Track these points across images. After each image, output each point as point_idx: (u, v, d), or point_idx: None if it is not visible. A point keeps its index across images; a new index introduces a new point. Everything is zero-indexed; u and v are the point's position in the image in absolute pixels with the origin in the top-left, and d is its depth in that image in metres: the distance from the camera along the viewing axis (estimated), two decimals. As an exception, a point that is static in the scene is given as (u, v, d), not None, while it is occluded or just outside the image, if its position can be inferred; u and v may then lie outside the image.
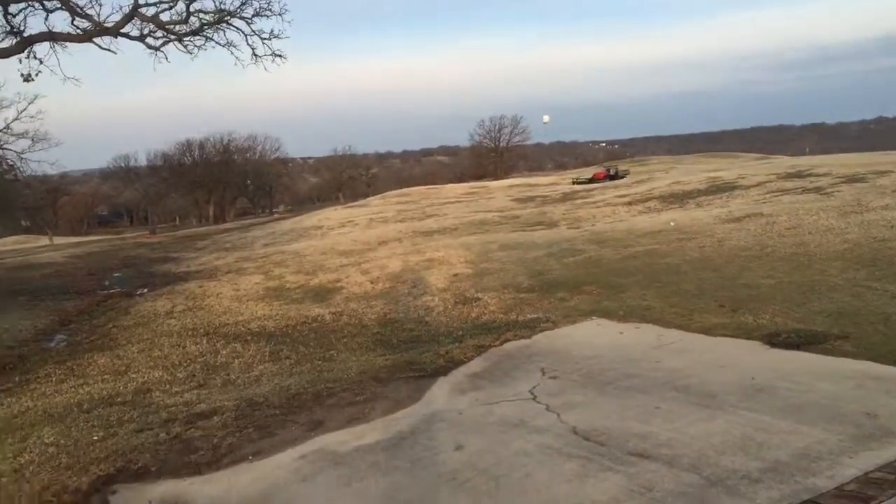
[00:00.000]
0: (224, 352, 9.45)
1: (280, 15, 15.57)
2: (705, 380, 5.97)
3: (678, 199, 24.07)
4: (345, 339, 9.42)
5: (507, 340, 8.08)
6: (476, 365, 7.23)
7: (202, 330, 11.35)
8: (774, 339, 6.92)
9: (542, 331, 8.45)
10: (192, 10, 15.75)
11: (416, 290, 12.75)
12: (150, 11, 15.57)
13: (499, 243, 17.00)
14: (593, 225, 19.24)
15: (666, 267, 11.35)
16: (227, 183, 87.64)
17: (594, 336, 8.01)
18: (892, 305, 7.51)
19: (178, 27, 16.01)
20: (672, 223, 15.63)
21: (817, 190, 18.25)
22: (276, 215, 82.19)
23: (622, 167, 64.76)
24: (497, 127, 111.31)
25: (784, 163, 33.50)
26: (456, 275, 13.65)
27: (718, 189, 24.26)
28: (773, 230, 12.77)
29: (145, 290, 18.22)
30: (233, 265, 21.46)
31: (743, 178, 26.13)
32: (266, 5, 15.70)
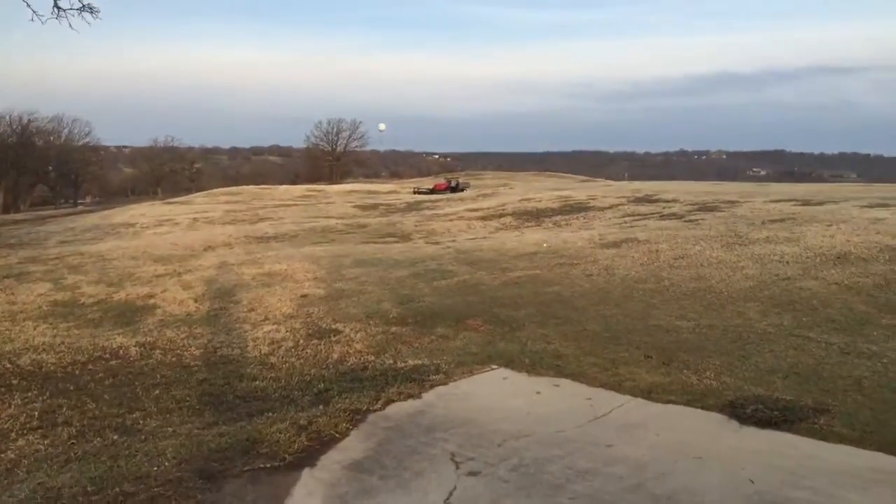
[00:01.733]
0: (-33, 409, 6.42)
1: (95, -45, 12.15)
2: (689, 484, 4.26)
3: (533, 216, 23.23)
4: (157, 391, 6.77)
5: (389, 401, 5.93)
6: (355, 446, 5.02)
7: (-59, 368, 8.05)
8: (740, 412, 5.41)
9: (433, 385, 6.40)
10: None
11: (255, 315, 10.20)
12: None
13: (352, 257, 14.75)
14: (454, 241, 17.59)
15: (557, 298, 9.80)
16: (22, 168, 76.57)
17: (505, 397, 6.11)
18: (852, 364, 6.36)
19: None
20: (545, 245, 14.32)
21: (678, 217, 17.96)
22: (80, 207, 73.24)
23: (462, 179, 64.79)
24: (335, 130, 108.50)
25: (627, 187, 34.32)
26: (304, 296, 11.25)
27: (572, 209, 23.76)
28: (661, 259, 11.76)
29: None
30: (15, 267, 17.29)
31: (594, 198, 25.96)
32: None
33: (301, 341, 8.53)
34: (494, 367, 7.00)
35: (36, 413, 6.12)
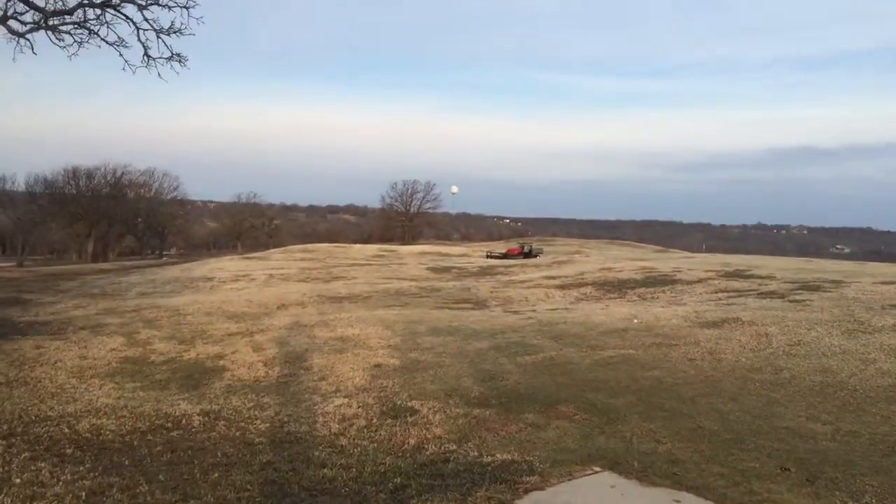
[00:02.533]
0: (16, 481, 5.88)
1: (186, 7, 12.31)
2: None
3: (615, 287, 22.05)
4: (216, 473, 6.06)
5: (478, 508, 5.05)
6: (439, 571, 4.14)
7: (2, 428, 7.63)
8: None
9: (526, 490, 5.48)
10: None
11: (326, 386, 9.51)
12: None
13: (426, 324, 14.02)
14: (534, 310, 16.65)
15: (659, 385, 8.72)
16: (112, 218, 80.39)
17: (616, 513, 5.12)
18: None
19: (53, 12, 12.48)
20: (636, 320, 13.22)
21: (779, 296, 16.50)
22: (165, 259, 75.98)
23: (535, 245, 64.03)
24: (409, 191, 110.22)
25: (712, 259, 32.67)
26: (378, 366, 10.53)
27: (657, 281, 22.46)
28: (773, 345, 10.51)
29: (-36, 343, 13.94)
30: (92, 318, 17.39)
31: (679, 270, 24.58)
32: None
33: (374, 420, 7.74)
34: (597, 469, 6.00)
35: (83, 495, 5.50)
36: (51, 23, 12.20)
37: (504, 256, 52.72)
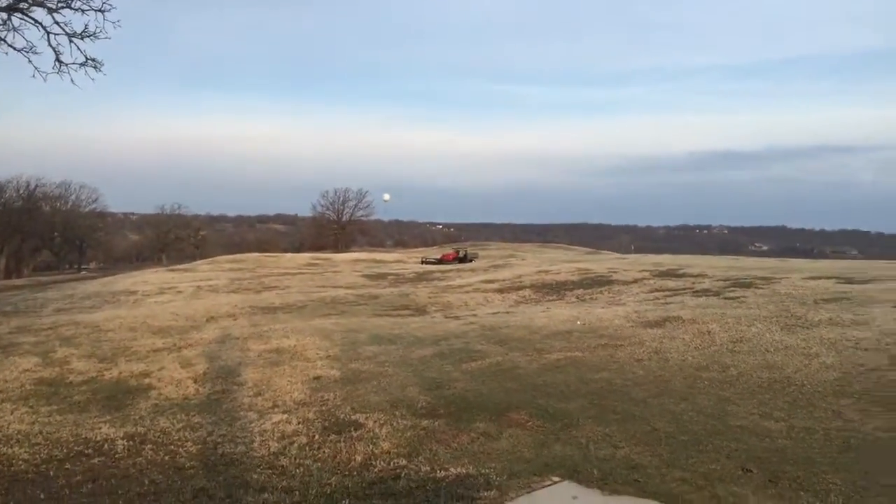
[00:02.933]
0: None
1: (101, 11, 11.46)
2: None
3: (553, 289, 22.07)
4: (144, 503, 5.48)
5: (434, 529, 4.67)
6: None
7: None
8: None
9: (485, 506, 5.15)
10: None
11: (262, 401, 8.93)
12: None
13: (367, 333, 13.55)
14: (474, 315, 16.38)
15: (609, 387, 8.55)
16: (26, 232, 76.16)
17: (581, 527, 4.84)
18: None
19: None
20: (579, 322, 13.13)
21: (714, 293, 16.79)
22: (84, 273, 72.46)
23: (470, 250, 64.06)
24: (341, 199, 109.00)
25: (643, 259, 33.28)
26: (317, 378, 10.01)
27: (594, 282, 22.63)
28: (717, 343, 10.54)
29: None
30: (4, 338, 16.12)
31: (614, 271, 24.87)
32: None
33: (316, 436, 7.25)
34: (556, 478, 5.72)
35: (-12, 537, 4.85)
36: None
37: (439, 262, 52.44)
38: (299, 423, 7.79)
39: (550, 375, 9.28)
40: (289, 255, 67.60)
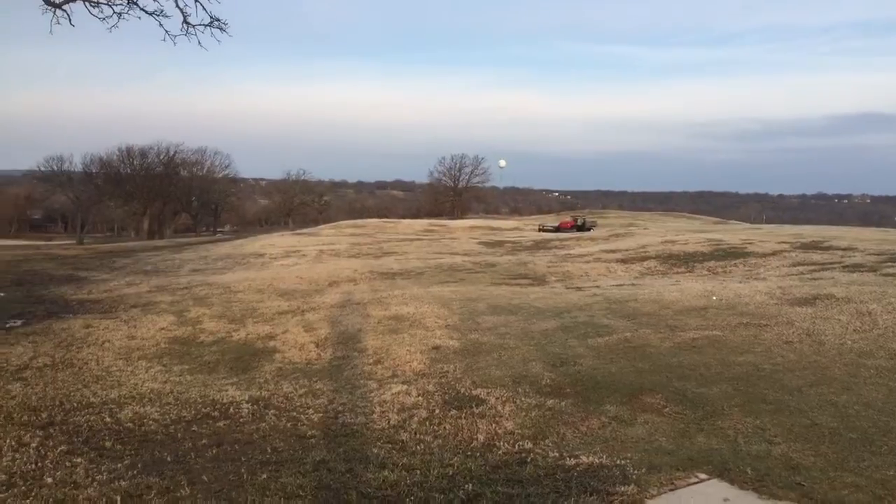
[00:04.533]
0: (48, 480, 5.32)
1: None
2: None
3: (682, 261, 20.81)
4: (265, 474, 5.39)
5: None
6: None
7: (41, 417, 7.15)
8: None
9: None
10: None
11: (382, 370, 8.80)
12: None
13: (485, 302, 13.20)
14: (597, 286, 15.65)
15: (755, 372, 7.72)
16: (167, 196, 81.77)
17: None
18: None
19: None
20: (714, 297, 12.14)
21: (869, 269, 15.12)
22: (219, 235, 76.98)
23: (588, 218, 62.42)
24: (458, 166, 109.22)
25: (781, 230, 30.90)
26: (436, 348, 9.77)
27: (727, 254, 21.12)
28: (880, 326, 9.34)
29: (17, 322, 13.77)
30: (143, 296, 17.12)
31: (750, 242, 23.15)
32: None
33: (437, 411, 6.98)
34: (703, 476, 5.11)
35: (118, 499, 4.90)
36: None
37: (557, 230, 51.42)
38: (419, 394, 7.56)
39: (686, 356, 8.53)
40: (406, 220, 68.71)
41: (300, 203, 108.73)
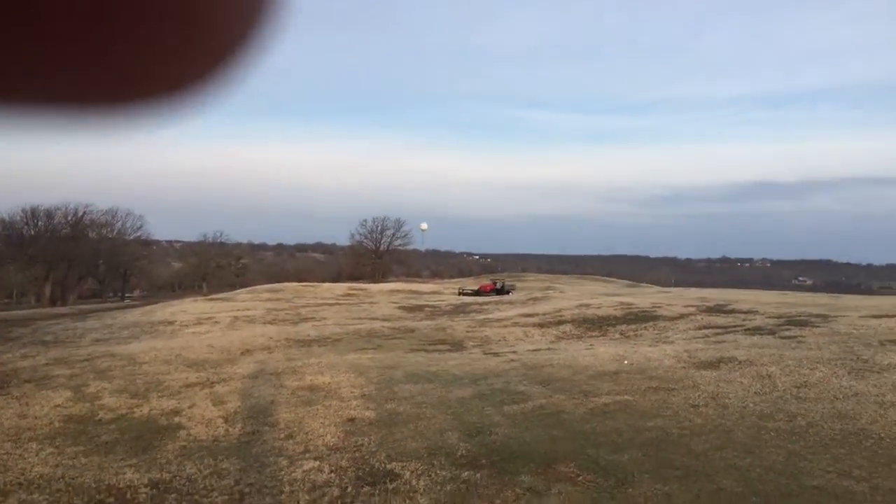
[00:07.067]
0: None
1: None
2: None
3: (595, 325, 21.34)
4: (159, 567, 5.04)
5: None
6: None
7: None
8: None
9: (535, 581, 4.57)
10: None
11: (293, 445, 8.49)
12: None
13: (403, 370, 13.06)
14: (514, 351, 15.78)
15: (664, 437, 7.89)
16: (72, 260, 77.84)
17: None
18: None
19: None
20: (626, 362, 12.45)
21: (768, 332, 15.91)
22: (127, 301, 73.57)
23: (507, 281, 63.44)
24: (380, 228, 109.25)
25: (687, 293, 32.28)
26: (351, 420, 9.53)
27: (638, 318, 21.83)
28: (779, 388, 9.78)
29: None
30: (39, 369, 16.03)
31: (658, 306, 24.02)
32: None
33: (349, 488, 6.76)
34: (614, 548, 5.12)
35: None
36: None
37: (477, 293, 51.90)
38: (331, 471, 7.31)
39: (599, 422, 8.65)
40: (326, 284, 67.67)
41: (217, 266, 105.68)
